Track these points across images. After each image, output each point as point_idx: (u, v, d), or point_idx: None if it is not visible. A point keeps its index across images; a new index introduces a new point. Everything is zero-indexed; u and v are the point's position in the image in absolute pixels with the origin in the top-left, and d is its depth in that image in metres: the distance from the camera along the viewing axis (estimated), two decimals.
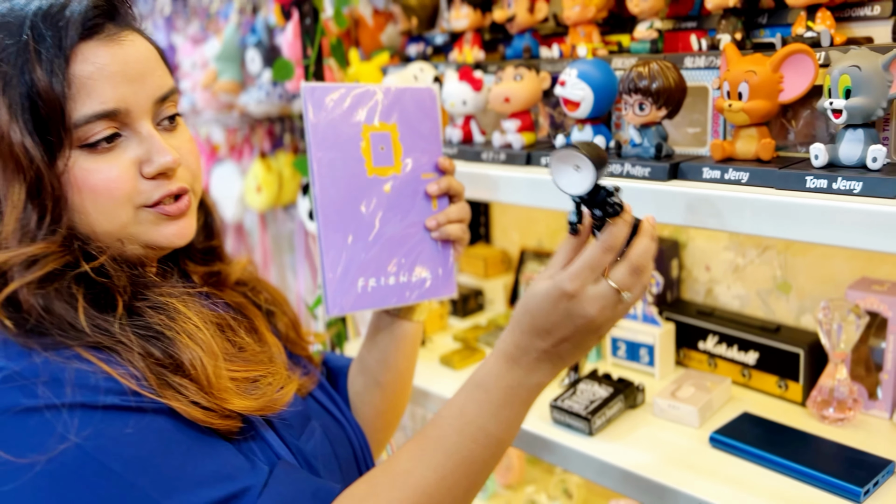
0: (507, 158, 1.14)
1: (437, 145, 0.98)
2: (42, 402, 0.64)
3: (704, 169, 0.90)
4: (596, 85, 1.02)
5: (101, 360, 0.68)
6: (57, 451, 0.63)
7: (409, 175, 0.95)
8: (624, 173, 0.96)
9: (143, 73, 0.75)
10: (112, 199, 0.73)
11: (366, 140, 0.92)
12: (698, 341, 1.26)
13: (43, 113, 0.69)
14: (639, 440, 1.08)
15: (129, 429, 0.66)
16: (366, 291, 0.92)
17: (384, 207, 0.93)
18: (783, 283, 1.25)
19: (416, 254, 0.96)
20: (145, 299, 0.74)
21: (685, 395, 1.12)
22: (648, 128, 0.97)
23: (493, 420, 0.77)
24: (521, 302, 0.79)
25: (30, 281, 0.68)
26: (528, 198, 1.06)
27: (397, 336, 1.02)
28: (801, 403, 1.14)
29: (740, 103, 0.87)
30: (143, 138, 0.75)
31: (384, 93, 0.93)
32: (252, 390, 0.78)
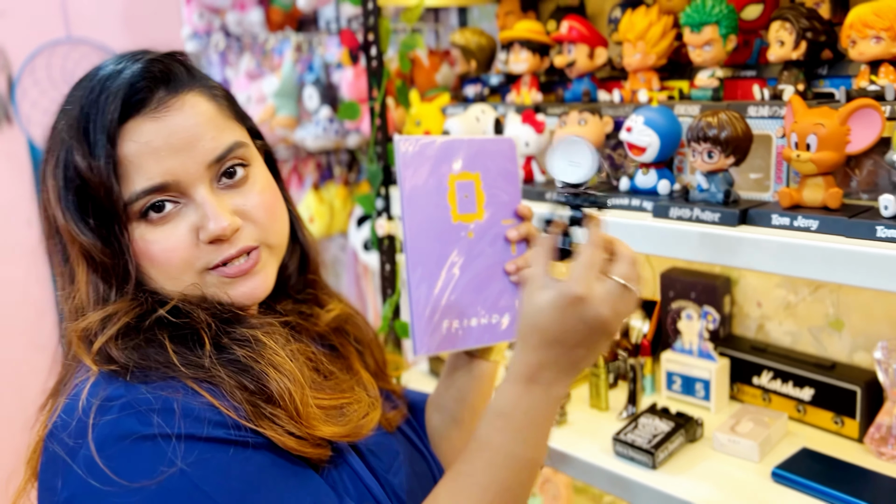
0: None
1: (517, 192, 1.02)
2: (155, 430, 0.69)
3: (773, 215, 0.94)
4: (662, 131, 1.07)
5: (206, 391, 0.73)
6: (164, 475, 0.67)
7: (490, 221, 0.99)
8: (693, 217, 1.01)
9: (191, 141, 0.77)
10: (172, 267, 0.78)
11: (451, 188, 0.96)
12: (753, 376, 1.29)
13: (92, 194, 0.75)
14: (701, 474, 1.11)
15: (231, 461, 0.70)
16: (450, 333, 0.96)
17: (467, 252, 0.98)
18: (836, 321, 1.28)
19: (495, 296, 1.00)
20: (229, 333, 0.77)
21: (744, 430, 1.16)
22: (716, 174, 1.01)
23: (520, 444, 0.78)
24: (522, 320, 0.78)
25: (111, 336, 0.74)
26: None
27: (475, 375, 1.04)
28: (857, 440, 1.16)
29: (809, 154, 0.92)
30: (199, 205, 0.78)
31: (468, 143, 0.98)
32: (338, 417, 0.81)
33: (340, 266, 2.22)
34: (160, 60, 0.79)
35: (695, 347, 1.31)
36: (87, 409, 0.70)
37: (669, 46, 1.19)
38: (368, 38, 1.40)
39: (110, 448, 0.68)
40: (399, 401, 1.05)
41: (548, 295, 0.75)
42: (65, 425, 0.71)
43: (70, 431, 0.70)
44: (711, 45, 1.09)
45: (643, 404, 1.30)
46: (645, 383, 1.37)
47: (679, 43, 1.20)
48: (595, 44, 1.27)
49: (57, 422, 0.73)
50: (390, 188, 1.48)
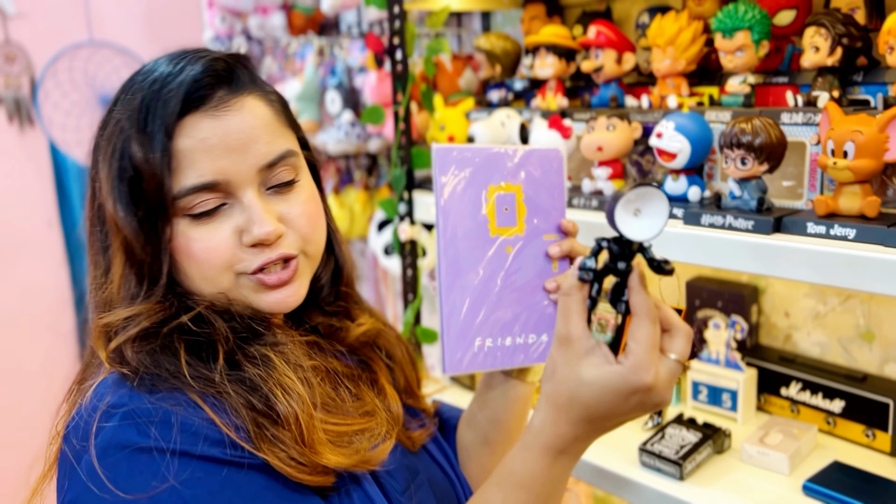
0: (599, 205, 1.17)
1: (561, 206, 0.97)
2: (153, 443, 0.68)
3: (809, 224, 0.92)
4: (693, 137, 1.06)
5: (209, 406, 0.71)
6: (156, 490, 0.66)
7: (531, 236, 0.96)
8: (726, 225, 0.99)
9: (246, 143, 0.76)
10: (211, 267, 0.77)
11: (491, 200, 0.93)
12: (781, 387, 1.27)
13: (144, 187, 0.74)
14: (730, 486, 1.09)
15: (224, 482, 0.69)
16: (482, 351, 0.93)
17: (505, 268, 0.94)
18: (866, 332, 1.26)
19: (534, 315, 0.95)
20: (244, 350, 0.76)
21: (774, 442, 1.14)
22: (749, 181, 1.00)
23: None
24: (560, 387, 0.71)
25: (129, 338, 0.74)
26: None
27: (510, 397, 1.00)
28: (889, 453, 1.14)
29: (846, 161, 0.90)
30: (245, 207, 0.77)
31: (511, 154, 0.94)
32: (346, 445, 0.78)
33: (360, 272, 2.22)
34: (224, 60, 0.79)
35: (722, 357, 1.29)
36: (93, 412, 0.71)
37: (699, 52, 1.17)
38: (394, 42, 1.40)
39: (110, 456, 0.68)
40: (428, 419, 1.02)
41: (603, 374, 0.69)
42: (76, 427, 0.72)
43: (78, 433, 0.71)
44: (743, 50, 1.08)
45: (669, 414, 1.28)
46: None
47: (709, 49, 1.18)
48: (623, 49, 1.26)
49: (70, 421, 0.74)
50: (413, 192, 1.47)
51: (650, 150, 1.20)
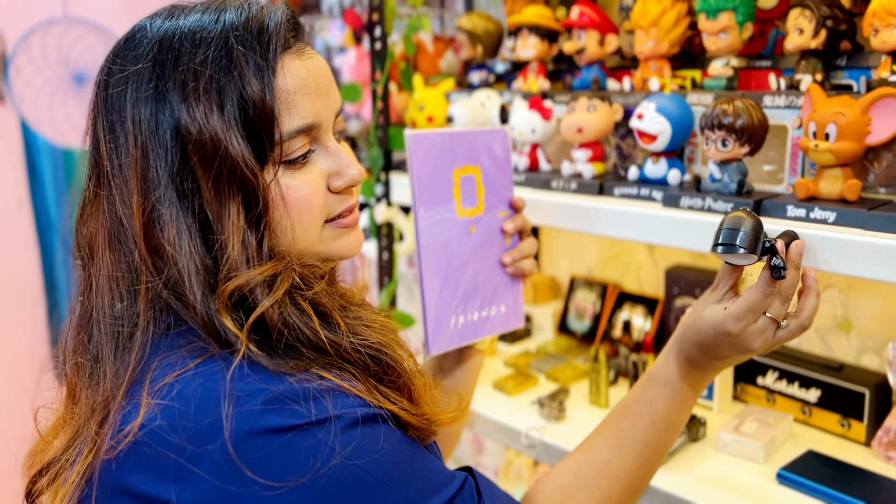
0: (578, 188, 1.15)
1: (510, 184, 1.02)
2: (308, 419, 0.63)
3: (789, 207, 0.91)
4: (674, 119, 1.04)
5: (339, 379, 0.67)
6: (328, 467, 0.62)
7: (488, 214, 0.99)
8: (705, 207, 0.97)
9: (329, 87, 0.75)
10: (310, 216, 0.73)
11: (456, 183, 0.95)
12: (757, 377, 1.26)
13: (257, 126, 0.68)
14: (704, 473, 1.08)
15: (383, 439, 0.66)
16: (457, 328, 0.96)
17: (470, 247, 0.97)
18: (844, 322, 1.25)
19: (493, 289, 1.00)
20: (358, 318, 0.72)
21: (749, 431, 1.12)
22: (729, 164, 0.98)
23: (678, 412, 0.88)
24: (691, 317, 0.88)
25: (275, 300, 0.66)
26: (600, 227, 1.07)
27: (465, 365, 1.04)
28: (864, 443, 1.13)
29: (827, 144, 0.89)
30: (331, 152, 0.75)
31: (468, 136, 0.97)
32: (436, 401, 0.78)
33: None
34: (290, 10, 0.76)
35: None
36: (204, 407, 0.62)
37: (683, 34, 1.16)
38: (373, 18, 1.37)
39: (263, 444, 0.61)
40: None
41: (713, 315, 0.84)
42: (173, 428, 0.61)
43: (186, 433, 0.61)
44: (727, 32, 1.06)
45: None
46: None
47: (692, 32, 1.17)
48: (606, 30, 1.24)
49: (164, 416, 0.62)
50: (390, 174, 1.45)
51: (631, 134, 1.19)
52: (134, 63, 0.70)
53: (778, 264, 0.81)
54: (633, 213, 1.03)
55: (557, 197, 1.14)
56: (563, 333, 1.61)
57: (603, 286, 1.56)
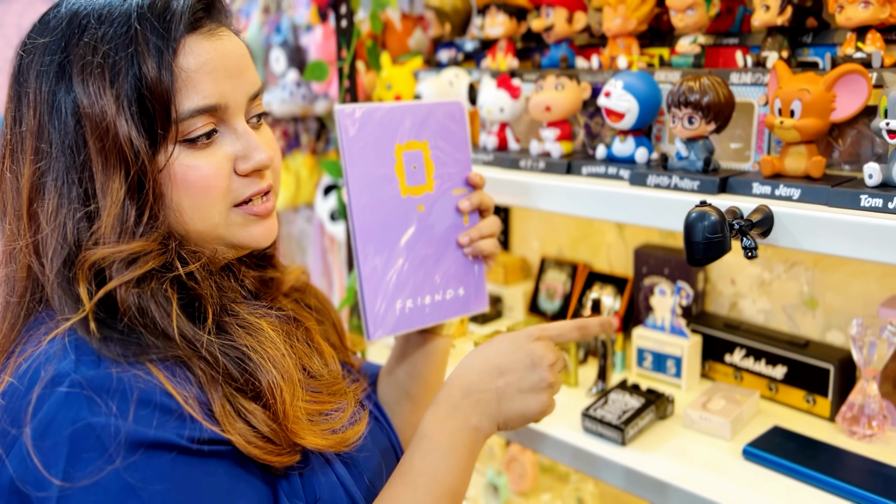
0: (546, 167, 1.14)
1: (467, 160, 0.98)
2: (102, 419, 0.62)
3: (754, 184, 0.91)
4: (641, 97, 1.03)
5: (170, 380, 0.66)
6: (103, 473, 0.61)
7: (440, 192, 0.95)
8: (671, 185, 0.97)
9: (241, 69, 0.75)
10: (208, 197, 0.72)
11: (399, 160, 0.92)
12: (725, 354, 1.27)
13: (150, 105, 0.68)
14: (671, 451, 1.08)
15: (177, 471, 0.64)
16: (404, 313, 0.93)
17: (418, 227, 0.93)
18: (810, 300, 1.26)
19: (449, 271, 0.96)
20: (234, 315, 0.73)
21: (716, 408, 1.13)
22: (696, 141, 0.98)
23: (441, 468, 0.78)
24: (475, 350, 0.85)
25: (129, 279, 0.67)
26: (568, 207, 1.07)
27: (428, 350, 1.01)
28: (829, 419, 1.15)
29: (792, 121, 0.88)
30: (239, 135, 0.75)
31: (415, 110, 0.93)
32: (322, 423, 0.76)
33: (307, 240, 2.16)
34: None
35: (667, 324, 1.28)
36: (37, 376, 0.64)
37: (650, 12, 1.15)
38: None
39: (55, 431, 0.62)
40: (358, 374, 1.01)
41: (515, 333, 0.84)
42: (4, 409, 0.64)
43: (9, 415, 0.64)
44: (694, 9, 1.05)
45: (612, 381, 1.27)
46: (615, 360, 1.34)
47: (660, 9, 1.16)
48: (574, 8, 1.23)
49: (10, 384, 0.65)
50: None
51: (600, 112, 1.18)
52: (44, 36, 0.71)
53: (749, 245, 0.81)
54: (600, 192, 1.03)
55: (525, 176, 1.13)
56: (534, 314, 1.61)
57: (573, 266, 1.56)
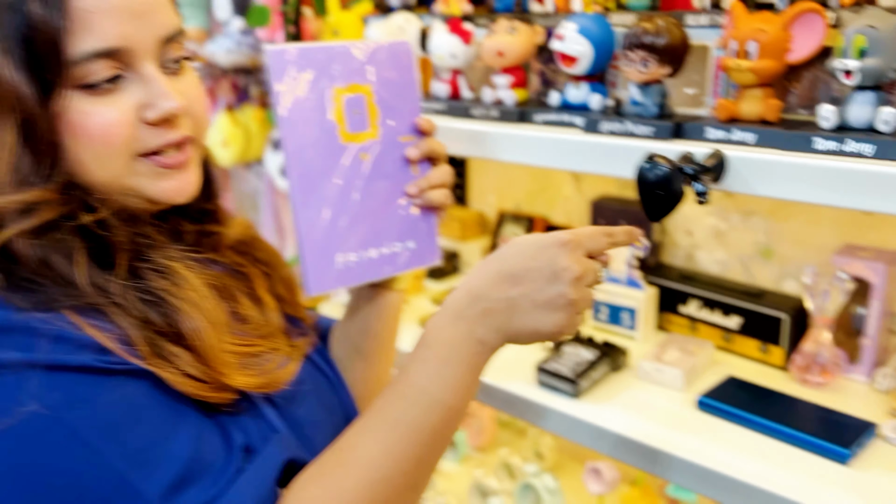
0: (500, 115, 1.10)
1: (415, 105, 0.93)
2: (11, 357, 0.61)
3: (709, 129, 0.88)
4: (595, 40, 1.00)
5: (88, 324, 0.64)
6: (24, 412, 0.59)
7: (386, 139, 0.91)
8: (625, 132, 0.94)
9: (150, 9, 0.69)
10: (108, 146, 0.68)
11: (338, 104, 0.87)
12: (680, 305, 1.26)
13: (38, 48, 0.64)
14: (625, 403, 1.07)
15: (103, 392, 0.63)
16: (347, 267, 0.88)
17: (361, 176, 0.89)
18: (765, 249, 1.25)
19: (397, 223, 0.92)
20: (147, 261, 0.70)
21: (670, 359, 1.12)
22: (650, 86, 0.95)
23: (435, 381, 0.70)
24: (493, 254, 0.73)
25: (26, 229, 0.64)
26: (522, 156, 1.03)
27: (380, 306, 0.98)
28: (782, 367, 1.15)
29: (749, 62, 0.86)
30: (146, 80, 0.69)
31: (355, 51, 0.88)
32: (253, 365, 0.74)
33: (259, 197, 2.10)
34: None
35: (623, 276, 1.27)
36: None
37: None
38: None
39: None
40: (308, 328, 0.98)
41: (541, 235, 0.72)
42: None
43: None
44: None
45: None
46: None
47: None
48: None
49: None
50: None
51: (554, 59, 1.14)
52: None
53: (701, 190, 0.78)
54: (554, 140, 0.99)
55: (478, 125, 1.09)
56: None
57: (530, 220, 1.53)
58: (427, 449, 0.70)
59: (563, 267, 0.70)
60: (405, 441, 0.69)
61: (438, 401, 0.70)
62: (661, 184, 0.78)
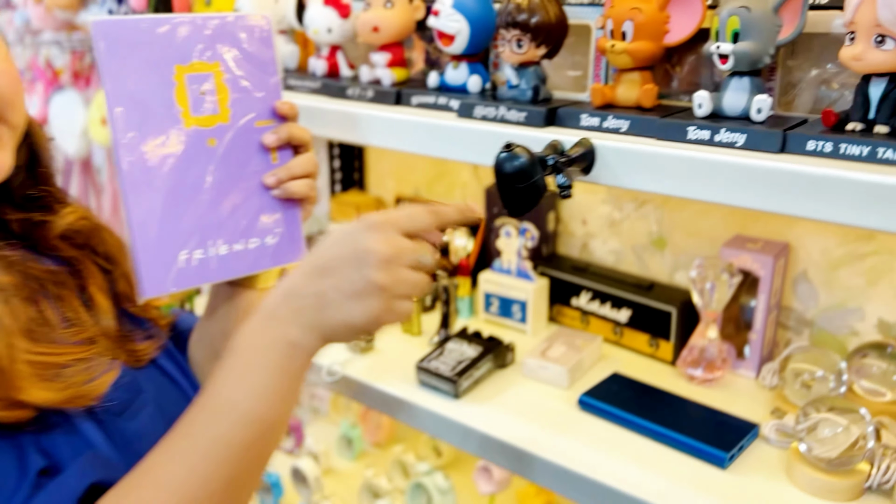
0: (375, 96, 1.02)
1: (275, 86, 0.84)
2: None
3: (583, 115, 0.82)
4: (472, 16, 0.92)
5: None
6: None
7: (239, 124, 0.82)
8: (498, 117, 0.87)
9: None
10: None
11: (180, 83, 0.77)
12: (572, 297, 1.21)
13: None
14: (506, 403, 1.02)
15: None
16: (190, 265, 0.79)
17: (209, 164, 0.80)
18: (658, 239, 1.21)
19: (253, 216, 0.83)
20: None
21: (555, 355, 1.07)
22: (526, 68, 0.88)
23: (242, 390, 0.62)
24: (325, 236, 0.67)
25: None
26: (393, 141, 0.96)
27: (239, 307, 0.88)
28: (671, 363, 1.11)
29: (624, 44, 0.80)
30: None
31: (202, 24, 0.79)
32: (56, 378, 0.65)
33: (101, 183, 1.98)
34: None
35: (513, 267, 1.21)
36: None
37: None
38: None
39: None
40: (158, 329, 0.88)
41: (347, 225, 0.65)
42: None
43: None
44: None
45: (454, 328, 1.20)
46: (462, 306, 1.27)
47: None
48: None
49: None
50: None
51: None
52: None
53: (563, 183, 0.72)
54: (426, 125, 0.92)
55: (351, 106, 1.01)
56: None
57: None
58: (239, 466, 0.61)
59: (368, 250, 0.62)
60: (211, 459, 0.61)
61: (247, 412, 0.62)
62: (519, 175, 0.71)
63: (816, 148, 0.67)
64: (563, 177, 0.72)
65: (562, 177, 0.72)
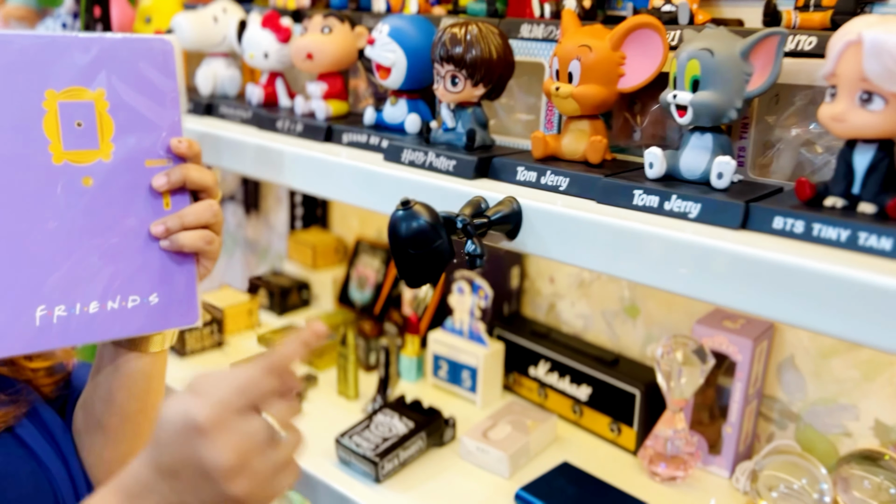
0: (304, 130, 0.90)
1: (173, 120, 0.72)
2: None
3: (519, 168, 0.69)
4: (410, 47, 0.81)
5: None
6: None
7: (124, 161, 0.70)
8: (426, 164, 0.75)
9: None
10: None
11: (52, 112, 0.66)
12: (530, 366, 1.07)
13: None
14: (435, 491, 0.88)
15: None
16: (49, 324, 0.67)
17: (82, 207, 0.68)
18: (631, 307, 1.07)
19: (134, 271, 0.71)
20: None
21: (499, 437, 0.93)
22: (464, 109, 0.76)
23: None
24: (158, 421, 0.57)
25: None
26: (315, 185, 0.83)
27: (122, 372, 0.76)
28: (633, 452, 0.96)
29: (570, 87, 0.67)
30: None
31: (84, 45, 0.68)
32: None
33: None
34: None
35: (465, 327, 1.08)
36: None
37: None
38: None
39: None
40: (31, 391, 0.76)
41: (181, 407, 0.54)
42: None
43: None
44: None
45: (401, 393, 1.06)
46: (410, 367, 1.13)
47: None
48: None
49: None
50: None
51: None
52: None
53: (472, 251, 0.59)
54: (348, 168, 0.80)
55: (277, 141, 0.89)
56: (343, 304, 1.38)
57: (387, 251, 1.34)
58: None
59: (212, 466, 0.53)
60: None
61: None
62: (416, 240, 0.58)
63: (785, 227, 0.54)
64: (472, 243, 0.59)
65: (471, 243, 0.59)
